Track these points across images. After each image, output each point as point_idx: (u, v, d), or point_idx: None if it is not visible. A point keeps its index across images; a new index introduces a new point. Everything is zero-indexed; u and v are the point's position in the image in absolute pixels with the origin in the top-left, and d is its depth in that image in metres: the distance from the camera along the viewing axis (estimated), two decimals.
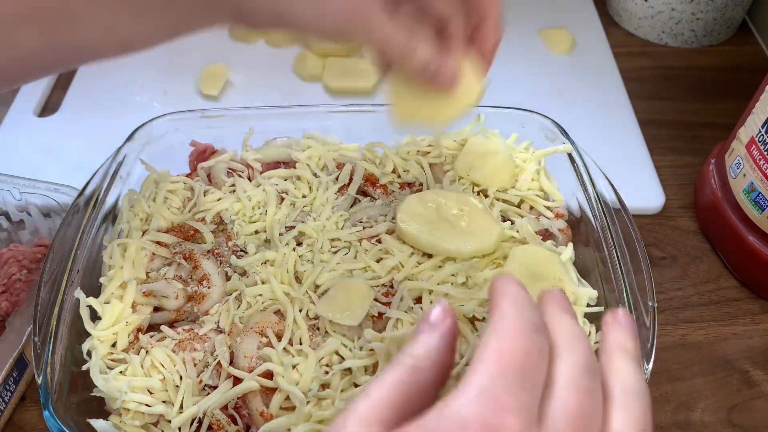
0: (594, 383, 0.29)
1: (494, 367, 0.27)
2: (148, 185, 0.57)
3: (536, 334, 0.29)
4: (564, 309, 0.33)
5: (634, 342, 0.33)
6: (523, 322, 0.29)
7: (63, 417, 0.43)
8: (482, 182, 0.56)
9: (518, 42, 0.87)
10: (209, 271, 0.51)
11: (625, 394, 0.30)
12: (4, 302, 0.55)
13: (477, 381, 0.27)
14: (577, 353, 0.30)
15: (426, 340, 0.30)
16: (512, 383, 0.27)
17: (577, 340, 0.30)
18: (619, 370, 0.31)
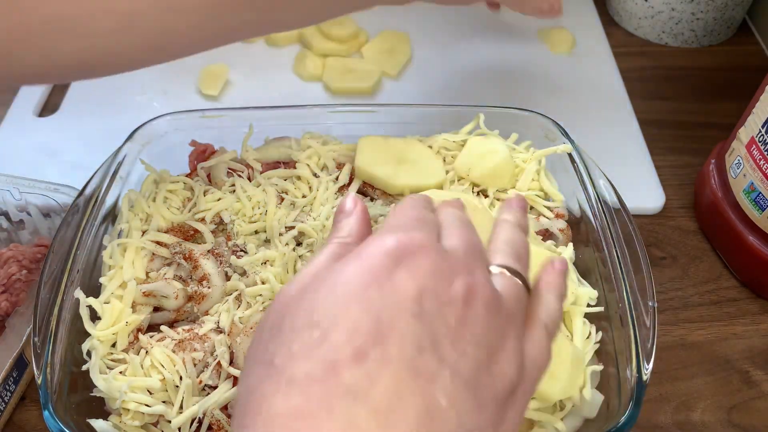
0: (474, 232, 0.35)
1: (396, 218, 0.34)
2: (148, 185, 0.57)
3: (426, 209, 0.35)
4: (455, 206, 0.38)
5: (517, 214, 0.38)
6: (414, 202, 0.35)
7: (63, 417, 0.43)
8: (482, 182, 0.56)
9: (518, 42, 0.87)
10: (209, 271, 0.51)
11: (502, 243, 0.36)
12: (4, 302, 0.55)
13: (384, 228, 0.32)
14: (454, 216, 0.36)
15: (345, 222, 0.35)
16: (413, 223, 0.33)
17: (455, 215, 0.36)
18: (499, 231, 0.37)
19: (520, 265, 0.35)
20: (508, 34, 0.88)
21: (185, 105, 0.75)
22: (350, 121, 0.63)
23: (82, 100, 0.80)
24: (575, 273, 0.52)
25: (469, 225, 0.36)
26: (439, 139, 0.60)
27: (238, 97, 0.79)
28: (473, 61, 0.84)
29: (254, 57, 0.84)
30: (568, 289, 0.48)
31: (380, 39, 0.84)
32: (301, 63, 0.81)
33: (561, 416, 0.45)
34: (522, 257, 0.36)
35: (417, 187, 0.55)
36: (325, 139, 0.61)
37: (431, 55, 0.85)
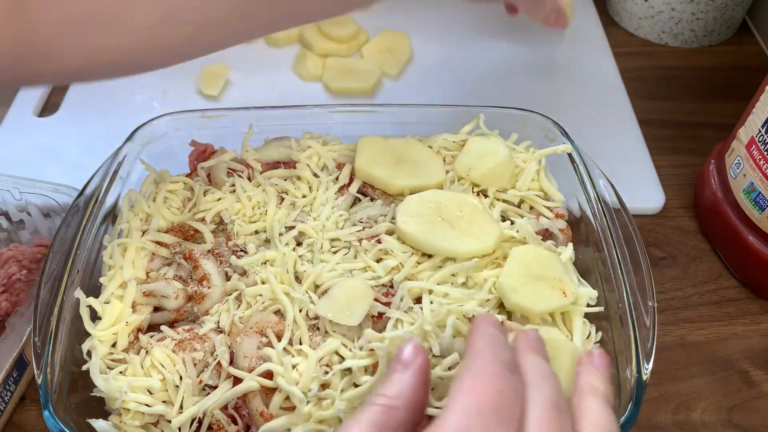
0: (563, 419, 0.29)
1: (469, 404, 0.28)
2: (148, 185, 0.57)
3: (509, 373, 0.30)
4: (535, 349, 0.33)
5: (605, 383, 0.33)
6: (496, 361, 0.30)
7: (63, 417, 0.43)
8: (482, 182, 0.56)
9: (518, 42, 0.87)
10: (209, 271, 0.51)
11: (592, 429, 0.30)
12: (4, 302, 0.55)
13: (453, 417, 0.27)
14: (546, 391, 0.30)
15: (399, 379, 0.30)
16: (487, 419, 0.27)
17: (546, 380, 0.31)
18: (589, 409, 0.31)
19: None
20: (508, 34, 0.88)
21: (185, 105, 0.75)
22: (350, 121, 0.63)
23: (82, 100, 0.80)
24: (575, 273, 0.52)
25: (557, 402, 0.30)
26: (439, 139, 0.60)
27: (238, 97, 0.79)
28: (473, 61, 0.84)
29: (254, 57, 0.84)
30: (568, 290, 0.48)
31: (380, 39, 0.84)
32: (301, 63, 0.81)
33: None
34: None
35: (417, 187, 0.55)
36: (325, 139, 0.61)
37: (431, 55, 0.85)
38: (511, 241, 0.53)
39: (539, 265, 0.50)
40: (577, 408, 0.32)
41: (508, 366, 0.30)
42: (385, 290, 0.49)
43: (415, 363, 0.31)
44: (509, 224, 0.54)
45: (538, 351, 0.33)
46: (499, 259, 0.52)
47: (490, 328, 0.32)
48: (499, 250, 0.52)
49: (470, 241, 0.51)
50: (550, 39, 0.87)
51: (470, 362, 0.30)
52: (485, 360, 0.30)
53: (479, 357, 0.30)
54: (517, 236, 0.53)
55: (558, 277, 0.49)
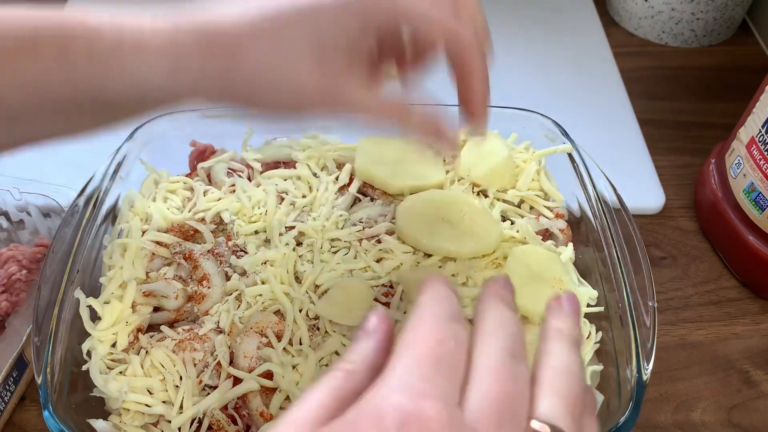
0: (518, 366, 0.29)
1: (410, 357, 0.27)
2: (148, 185, 0.57)
3: (451, 322, 0.29)
4: (498, 296, 0.32)
5: (572, 324, 0.32)
6: (437, 312, 0.29)
7: (63, 417, 0.43)
8: (482, 182, 0.56)
9: (518, 42, 0.87)
10: (209, 271, 0.51)
11: (554, 376, 0.30)
12: (4, 302, 0.55)
13: (394, 372, 0.27)
14: (499, 338, 0.30)
15: (361, 345, 0.30)
16: (428, 370, 0.27)
17: (501, 326, 0.30)
18: (551, 352, 0.31)
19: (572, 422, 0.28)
20: (508, 34, 0.88)
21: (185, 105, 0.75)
22: (350, 121, 0.62)
23: None
24: (575, 273, 0.52)
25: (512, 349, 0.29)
26: None
27: None
28: None
29: None
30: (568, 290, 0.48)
31: None
32: None
33: None
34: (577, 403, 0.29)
35: (417, 187, 0.55)
36: (325, 139, 0.61)
37: None
38: (511, 241, 0.53)
39: (539, 265, 0.50)
40: (539, 352, 0.31)
41: (451, 316, 0.30)
42: (385, 290, 0.49)
43: (379, 329, 0.31)
44: (509, 224, 0.54)
45: (503, 298, 0.32)
46: (499, 259, 0.52)
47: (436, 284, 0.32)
48: (499, 250, 0.52)
49: (470, 241, 0.51)
50: (550, 39, 0.87)
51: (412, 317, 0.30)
52: (426, 312, 0.30)
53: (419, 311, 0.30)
54: (517, 236, 0.53)
55: (558, 277, 0.49)
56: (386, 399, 0.26)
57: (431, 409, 0.25)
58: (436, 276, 0.32)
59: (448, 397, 0.27)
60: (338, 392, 0.28)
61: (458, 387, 0.28)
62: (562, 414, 0.28)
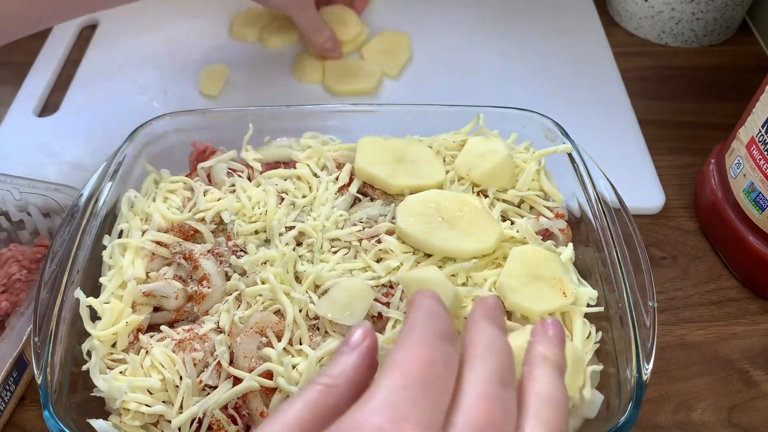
0: (506, 392, 0.29)
1: (397, 377, 0.27)
2: (148, 185, 0.57)
3: (442, 344, 0.29)
4: (488, 317, 0.32)
5: (557, 351, 0.33)
6: (429, 332, 0.29)
7: (63, 417, 0.43)
8: (482, 182, 0.56)
9: (518, 42, 0.87)
10: (209, 271, 0.51)
11: (538, 403, 0.29)
12: (4, 302, 0.55)
13: (379, 392, 0.27)
14: (489, 363, 0.29)
15: (343, 360, 0.30)
16: (414, 393, 0.26)
17: (492, 349, 0.30)
18: (537, 379, 0.31)
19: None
20: (508, 34, 0.88)
21: (185, 105, 0.75)
22: (350, 121, 0.63)
23: (82, 100, 0.80)
24: (575, 273, 0.52)
25: (501, 374, 0.29)
26: (439, 139, 0.60)
27: (238, 97, 0.79)
28: (473, 60, 0.84)
29: (254, 57, 0.84)
30: (568, 290, 0.48)
31: (380, 39, 0.84)
32: (300, 66, 0.81)
33: None
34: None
35: (417, 187, 0.55)
36: (325, 139, 0.61)
37: (431, 55, 0.85)
38: (511, 241, 0.53)
39: (539, 265, 0.50)
40: (524, 378, 0.31)
41: (443, 336, 0.29)
42: (385, 290, 0.49)
43: (362, 345, 0.30)
44: (509, 224, 0.54)
45: (493, 319, 0.32)
46: (499, 259, 0.52)
47: (427, 299, 0.31)
48: (499, 250, 0.52)
49: (470, 241, 0.51)
50: (550, 39, 0.87)
51: (402, 335, 0.29)
52: (417, 331, 0.29)
53: (411, 329, 0.29)
54: (517, 236, 0.53)
55: (558, 277, 0.49)
56: (368, 419, 0.26)
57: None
58: (427, 291, 0.32)
59: (432, 421, 0.26)
60: (316, 407, 0.28)
61: (443, 411, 0.27)
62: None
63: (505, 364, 0.30)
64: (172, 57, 0.84)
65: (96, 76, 0.82)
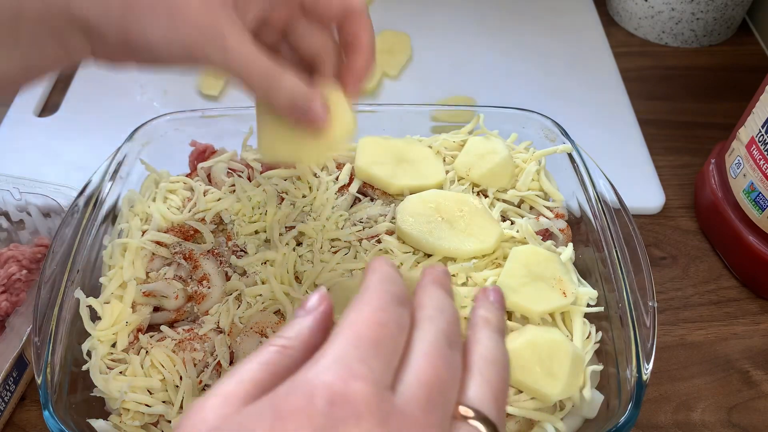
0: (452, 353, 0.30)
1: (348, 337, 0.28)
2: (148, 185, 0.57)
3: (395, 306, 0.30)
4: (437, 282, 0.33)
5: (498, 314, 0.34)
6: (382, 295, 0.30)
7: (63, 417, 0.43)
8: (482, 182, 0.56)
9: (518, 42, 0.87)
10: (209, 271, 0.51)
11: (482, 363, 0.31)
12: (4, 302, 0.55)
13: (330, 351, 0.27)
14: (437, 324, 0.30)
15: (298, 322, 0.30)
16: (365, 352, 0.27)
17: (441, 312, 0.31)
18: (480, 341, 0.32)
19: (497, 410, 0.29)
20: (508, 34, 0.88)
21: (185, 105, 0.75)
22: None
23: (82, 100, 0.80)
24: (575, 273, 0.52)
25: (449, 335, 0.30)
26: (439, 139, 0.60)
27: (238, 97, 0.79)
28: (473, 61, 0.84)
29: None
30: (568, 290, 0.48)
31: (380, 39, 0.84)
32: None
33: (561, 416, 0.45)
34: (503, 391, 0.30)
35: (417, 187, 0.55)
36: None
37: (431, 55, 0.85)
38: (511, 241, 0.53)
39: (539, 265, 0.50)
40: (468, 341, 0.32)
41: (397, 299, 0.30)
42: None
43: (318, 309, 0.31)
44: (509, 224, 0.54)
45: (442, 285, 0.33)
46: (499, 259, 0.52)
47: (383, 265, 0.32)
48: (499, 250, 0.52)
49: (470, 241, 0.51)
50: (550, 39, 0.87)
51: (357, 297, 0.30)
52: (371, 294, 0.30)
53: (365, 292, 0.30)
54: (517, 236, 0.53)
55: (558, 277, 0.49)
56: (318, 377, 0.26)
57: (361, 390, 0.26)
58: (382, 258, 0.33)
59: (381, 379, 0.27)
60: (271, 367, 0.28)
61: (393, 370, 0.28)
62: (489, 401, 0.29)
63: (452, 326, 0.31)
64: None
65: (96, 76, 0.82)
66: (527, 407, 0.44)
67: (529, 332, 0.45)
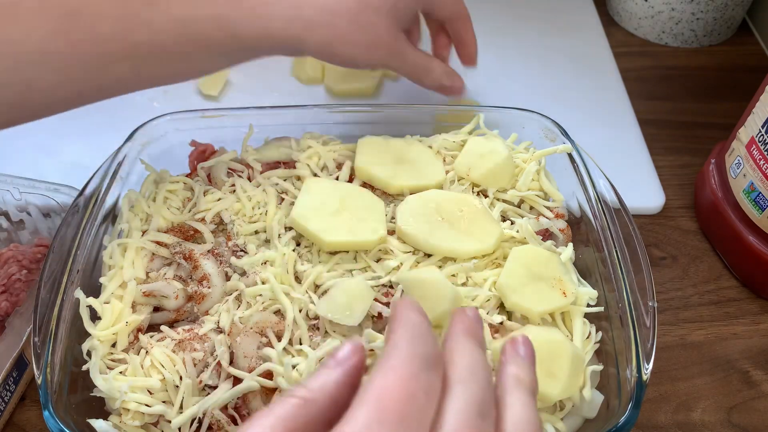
0: (484, 423, 0.28)
1: (373, 410, 0.26)
2: (147, 185, 0.57)
3: (426, 372, 0.28)
4: (469, 333, 0.31)
5: (529, 372, 0.32)
6: (412, 358, 0.28)
7: (63, 417, 0.43)
8: (482, 182, 0.56)
9: (518, 42, 0.87)
10: (209, 271, 0.51)
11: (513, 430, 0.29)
12: (4, 302, 0.55)
13: (354, 422, 0.26)
14: (470, 389, 0.29)
15: (325, 374, 0.29)
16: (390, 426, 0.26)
17: (474, 374, 0.29)
18: (512, 405, 0.30)
19: None
20: (508, 34, 0.88)
21: (185, 105, 0.75)
22: (350, 121, 0.63)
23: None
24: (575, 273, 0.52)
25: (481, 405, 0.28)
26: (439, 139, 0.60)
27: (238, 97, 0.79)
28: None
29: None
30: (568, 290, 0.48)
31: None
32: (300, 66, 0.81)
33: (561, 416, 0.45)
34: None
35: (417, 187, 0.55)
36: (325, 139, 0.61)
37: None
38: (511, 241, 0.53)
39: (539, 265, 0.50)
40: (500, 402, 0.30)
41: (427, 362, 0.28)
42: (385, 290, 0.49)
43: (349, 362, 0.29)
44: (509, 224, 0.54)
45: (474, 335, 0.31)
46: (499, 259, 0.52)
47: (411, 313, 0.30)
48: (499, 250, 0.52)
49: (470, 241, 0.51)
50: (550, 39, 0.87)
51: (384, 358, 0.28)
52: (400, 356, 0.28)
53: (394, 352, 0.28)
54: (517, 236, 0.53)
55: (558, 277, 0.49)
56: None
57: None
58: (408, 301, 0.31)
59: None
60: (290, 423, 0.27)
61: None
62: None
63: (485, 392, 0.29)
64: None
65: None
66: None
67: (529, 332, 0.45)
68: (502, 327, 0.48)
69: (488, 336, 0.46)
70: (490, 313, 0.48)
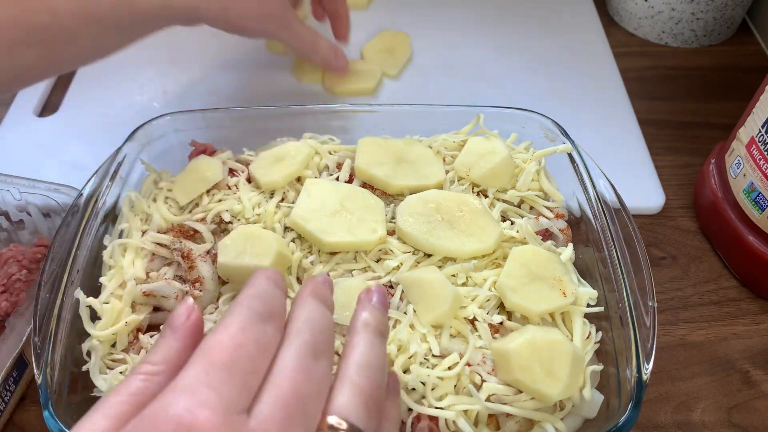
0: (317, 364, 0.29)
1: (201, 362, 0.27)
2: (148, 185, 0.57)
3: (257, 324, 0.29)
4: (313, 293, 0.32)
5: (378, 316, 0.33)
6: (247, 313, 0.29)
7: (63, 417, 0.43)
8: (482, 182, 0.56)
9: (517, 42, 0.87)
10: (204, 274, 0.51)
11: (354, 370, 0.30)
12: (4, 302, 0.55)
13: (181, 380, 0.26)
14: (303, 337, 0.29)
15: (165, 344, 0.29)
16: (215, 378, 0.26)
17: (309, 323, 0.30)
18: (355, 345, 0.31)
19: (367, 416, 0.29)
20: (508, 34, 0.88)
21: (185, 105, 0.75)
22: (350, 121, 0.63)
23: (82, 100, 0.80)
24: (575, 273, 0.52)
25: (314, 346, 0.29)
26: (439, 139, 0.60)
27: (238, 97, 0.79)
28: (473, 61, 0.84)
29: (254, 58, 0.84)
30: (568, 290, 0.48)
31: (380, 39, 0.84)
32: (300, 66, 0.81)
33: (561, 416, 0.45)
34: (374, 395, 0.30)
35: (417, 187, 0.55)
36: (325, 139, 0.61)
37: (431, 55, 0.85)
38: (511, 241, 0.53)
39: (539, 265, 0.50)
40: (345, 346, 0.31)
41: (260, 316, 0.29)
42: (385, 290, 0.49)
43: (184, 325, 0.30)
44: (509, 224, 0.54)
45: (318, 295, 0.32)
46: (499, 259, 0.52)
47: (258, 278, 0.31)
48: (499, 250, 0.52)
49: (470, 241, 0.51)
50: (550, 39, 0.87)
51: (222, 318, 0.29)
52: (234, 314, 0.29)
53: (230, 310, 0.29)
54: (517, 236, 0.53)
55: (558, 277, 0.49)
56: (166, 408, 0.25)
57: (208, 419, 0.25)
58: (264, 270, 0.32)
59: (232, 405, 0.26)
60: (137, 398, 0.27)
61: (251, 392, 0.27)
62: (357, 407, 0.28)
63: (319, 336, 0.30)
64: (172, 57, 0.84)
65: (96, 76, 0.82)
66: (527, 407, 0.44)
67: (529, 332, 0.45)
68: (502, 327, 0.48)
69: (488, 336, 0.46)
70: (490, 313, 0.48)
